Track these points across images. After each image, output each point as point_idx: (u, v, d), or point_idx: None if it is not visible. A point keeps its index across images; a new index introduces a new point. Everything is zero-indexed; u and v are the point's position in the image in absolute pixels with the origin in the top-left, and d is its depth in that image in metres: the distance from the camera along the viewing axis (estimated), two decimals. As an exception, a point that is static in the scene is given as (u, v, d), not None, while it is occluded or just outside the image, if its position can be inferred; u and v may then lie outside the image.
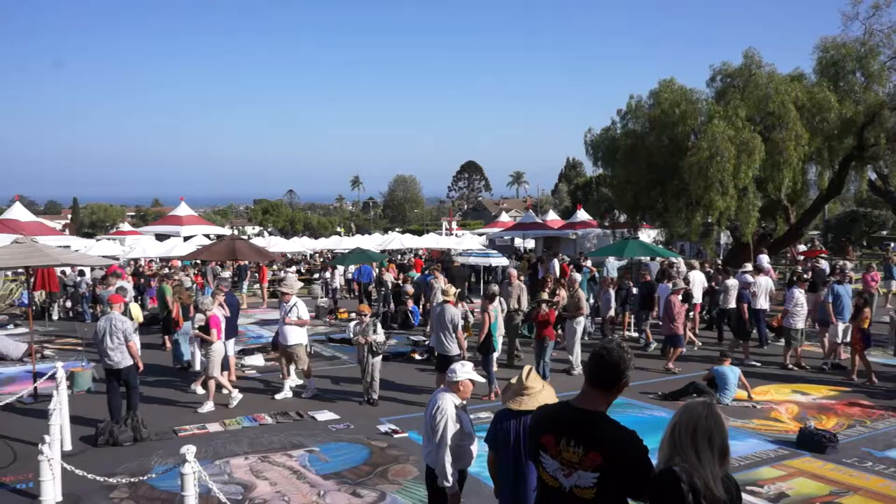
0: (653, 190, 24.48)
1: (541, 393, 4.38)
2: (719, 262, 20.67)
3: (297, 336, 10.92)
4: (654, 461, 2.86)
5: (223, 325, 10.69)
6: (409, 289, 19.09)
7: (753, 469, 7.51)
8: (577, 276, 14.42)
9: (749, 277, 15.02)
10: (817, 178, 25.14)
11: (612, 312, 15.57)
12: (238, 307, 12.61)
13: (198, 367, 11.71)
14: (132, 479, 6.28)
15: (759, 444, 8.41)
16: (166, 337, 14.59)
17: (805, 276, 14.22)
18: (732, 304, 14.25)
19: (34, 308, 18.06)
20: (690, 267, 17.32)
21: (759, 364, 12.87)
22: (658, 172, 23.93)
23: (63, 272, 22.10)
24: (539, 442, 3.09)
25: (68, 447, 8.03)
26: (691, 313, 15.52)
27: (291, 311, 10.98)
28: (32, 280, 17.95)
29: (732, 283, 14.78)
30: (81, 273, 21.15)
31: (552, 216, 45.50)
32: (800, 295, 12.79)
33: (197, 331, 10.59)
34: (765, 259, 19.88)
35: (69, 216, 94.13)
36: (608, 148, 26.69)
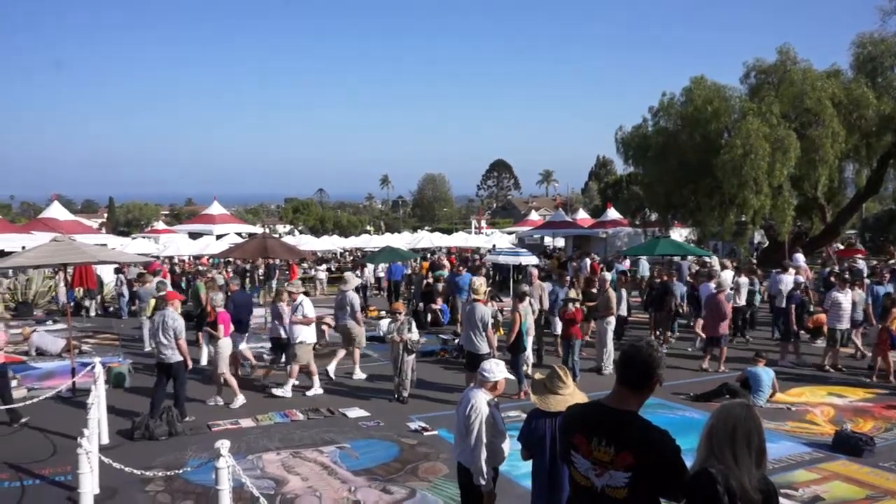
0: (685, 188, 24.23)
1: (573, 394, 4.37)
2: (753, 261, 20.35)
3: (303, 334, 11.01)
4: (686, 462, 2.84)
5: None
6: (440, 287, 19.03)
7: (788, 472, 7.40)
8: (608, 276, 14.33)
9: (801, 278, 14.82)
10: (854, 175, 24.69)
11: (623, 311, 15.37)
12: (249, 305, 12.71)
13: (204, 361, 12.34)
14: (167, 473, 6.38)
15: (793, 446, 8.27)
16: (199, 333, 14.82)
17: (845, 275, 13.91)
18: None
19: (72, 305, 18.46)
20: (723, 267, 17.09)
21: (793, 365, 12.66)
22: (690, 170, 23.69)
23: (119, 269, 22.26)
24: (570, 441, 3.08)
25: (105, 441, 8.20)
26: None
27: (297, 309, 11.12)
28: (70, 277, 18.37)
29: (744, 281, 14.65)
30: (118, 270, 21.53)
31: (582, 215, 45.25)
32: (838, 295, 12.54)
33: (207, 327, 10.84)
34: (801, 258, 19.54)
35: (105, 215, 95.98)
36: (639, 146, 26.49)
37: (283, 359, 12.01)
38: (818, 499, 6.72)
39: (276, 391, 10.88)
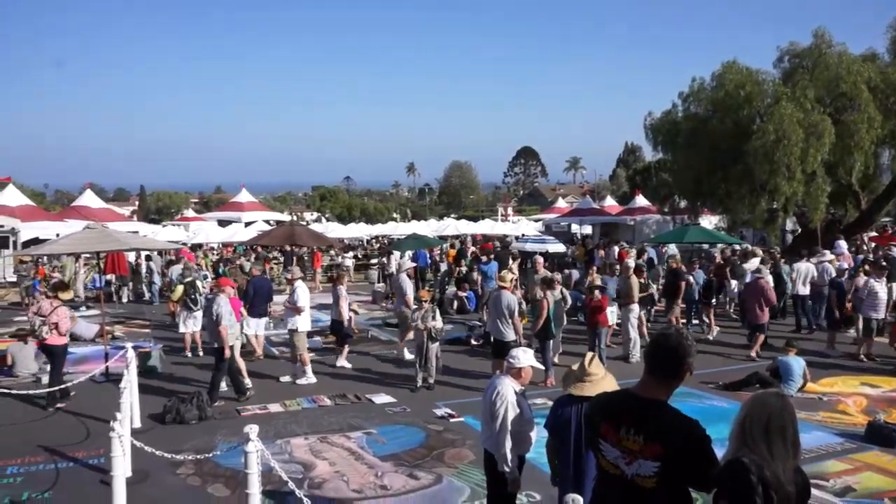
0: (715, 175, 23.86)
1: (603, 380, 4.34)
2: (777, 249, 19.97)
3: (297, 322, 11.04)
4: (716, 452, 2.80)
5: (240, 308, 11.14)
6: (476, 276, 18.81)
7: (819, 462, 7.29)
8: (631, 263, 14.15)
9: (844, 264, 14.63)
10: (890, 162, 24.09)
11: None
12: (267, 290, 12.93)
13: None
14: (198, 456, 6.50)
15: (825, 436, 8.15)
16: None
17: (882, 263, 13.64)
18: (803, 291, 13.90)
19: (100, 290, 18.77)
20: (752, 255, 16.84)
21: (833, 355, 12.45)
22: (721, 157, 23.31)
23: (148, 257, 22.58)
24: (598, 430, 3.05)
25: (137, 424, 8.34)
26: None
27: (293, 294, 11.21)
28: (103, 264, 18.68)
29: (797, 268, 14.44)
30: (149, 258, 21.84)
31: (610, 202, 44.84)
32: (874, 283, 12.28)
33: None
34: (843, 245, 19.19)
35: (137, 203, 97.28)
36: (669, 132, 26.13)
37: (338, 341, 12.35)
38: (850, 490, 6.62)
39: (300, 381, 10.91)
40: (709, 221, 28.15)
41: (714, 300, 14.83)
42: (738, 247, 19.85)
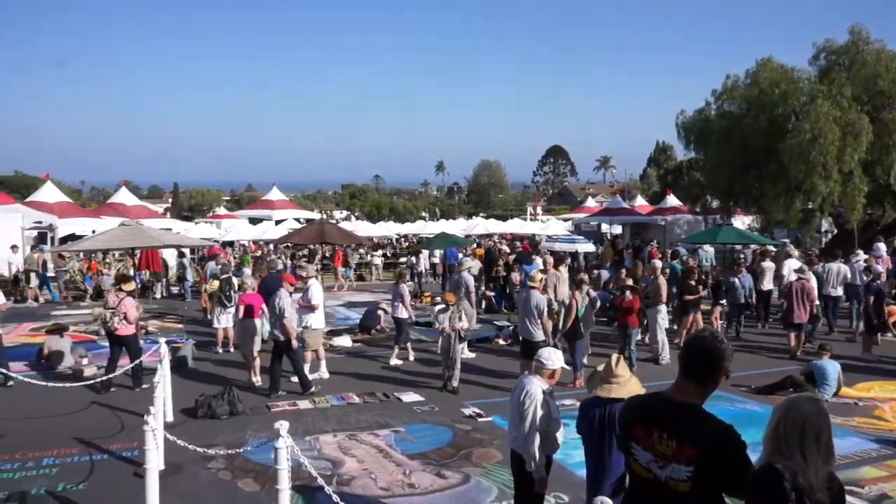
0: (748, 174, 23.54)
1: (629, 382, 4.31)
2: (814, 250, 19.61)
3: (311, 319, 11.10)
4: (750, 457, 2.75)
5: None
6: (516, 277, 18.53)
7: (854, 469, 7.14)
8: (658, 264, 13.97)
9: (879, 267, 14.35)
10: (931, 160, 23.50)
11: None
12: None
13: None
14: (229, 451, 6.57)
15: (860, 442, 7.99)
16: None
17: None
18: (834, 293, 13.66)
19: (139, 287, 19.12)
20: (788, 255, 16.57)
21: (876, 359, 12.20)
22: (755, 155, 22.99)
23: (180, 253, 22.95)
24: (630, 433, 3.02)
25: (170, 418, 8.46)
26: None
27: (306, 293, 11.29)
28: (137, 260, 19.03)
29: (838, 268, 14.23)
30: (182, 254, 22.18)
31: (640, 201, 44.40)
32: None
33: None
34: (882, 247, 18.79)
35: (170, 200, 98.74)
36: (701, 130, 25.84)
37: (402, 338, 12.52)
38: (885, 497, 6.47)
39: (312, 375, 10.83)
40: (742, 222, 27.76)
41: (723, 301, 14.46)
42: (772, 248, 19.54)
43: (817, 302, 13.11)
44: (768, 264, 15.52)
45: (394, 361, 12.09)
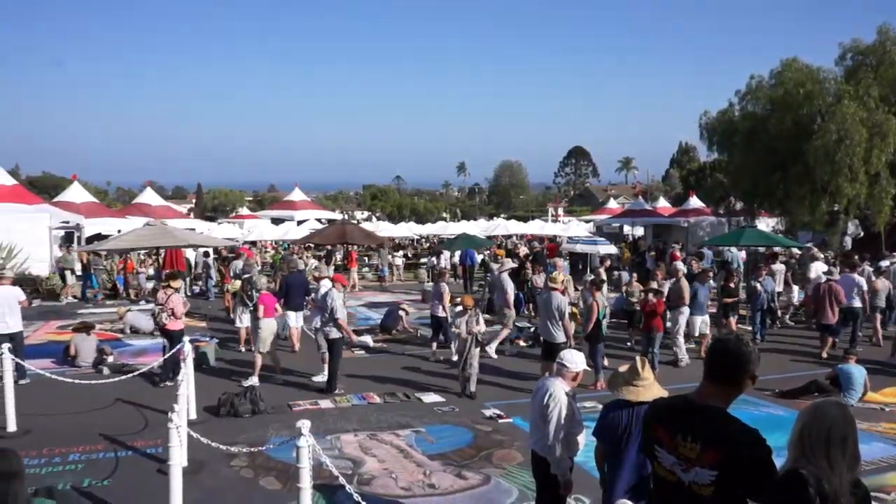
0: (773, 175, 23.30)
1: (654, 385, 4.28)
2: (831, 254, 19.33)
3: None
4: (775, 462, 2.72)
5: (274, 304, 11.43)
6: (539, 281, 18.38)
7: (880, 475, 7.04)
8: (681, 266, 13.86)
9: None
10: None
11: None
12: (303, 285, 13.36)
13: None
14: (251, 449, 6.63)
15: (886, 448, 7.87)
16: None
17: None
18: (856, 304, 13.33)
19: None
20: (813, 258, 16.37)
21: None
22: (779, 157, 22.75)
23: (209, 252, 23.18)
24: (654, 436, 3.00)
25: (193, 416, 8.55)
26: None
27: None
28: (162, 259, 19.25)
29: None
30: (206, 254, 22.40)
31: (663, 203, 44.12)
32: None
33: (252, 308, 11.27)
34: None
35: (194, 200, 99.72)
36: (725, 131, 25.64)
37: (442, 337, 12.70)
38: (914, 504, 6.37)
39: (315, 378, 10.93)
40: (766, 224, 27.46)
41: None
42: (795, 250, 19.31)
43: (845, 303, 12.78)
44: (778, 266, 15.48)
45: (434, 357, 12.29)
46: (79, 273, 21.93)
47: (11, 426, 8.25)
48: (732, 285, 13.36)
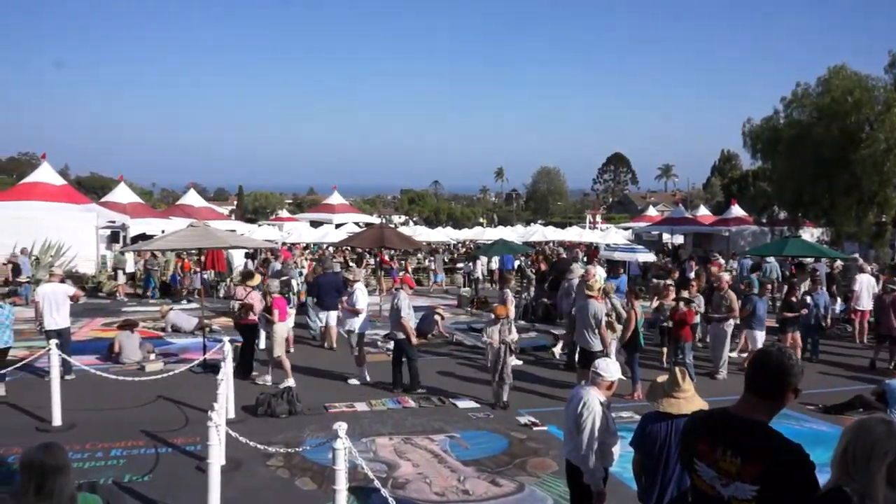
0: (818, 185, 22.82)
1: (694, 397, 4.23)
2: (875, 266, 18.78)
3: (355, 323, 11.23)
4: (819, 479, 2.66)
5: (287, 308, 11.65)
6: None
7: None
8: (726, 276, 13.55)
9: None
10: None
11: None
12: (334, 285, 13.54)
13: (262, 345, 12.18)
14: (287, 450, 6.70)
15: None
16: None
17: None
18: None
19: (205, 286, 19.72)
20: (860, 270, 15.95)
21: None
22: (825, 166, 22.27)
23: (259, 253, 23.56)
24: (694, 449, 2.95)
25: (232, 415, 8.69)
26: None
27: (351, 296, 11.37)
28: (204, 260, 19.61)
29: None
30: (248, 255, 22.76)
31: (703, 211, 43.48)
32: None
33: (264, 312, 11.24)
34: None
35: (235, 202, 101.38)
36: (769, 139, 25.21)
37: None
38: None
39: (351, 381, 11.05)
40: (810, 234, 26.87)
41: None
42: (839, 262, 18.85)
43: None
44: (861, 279, 15.08)
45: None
46: (130, 271, 22.57)
47: (57, 420, 8.48)
48: (794, 299, 12.94)
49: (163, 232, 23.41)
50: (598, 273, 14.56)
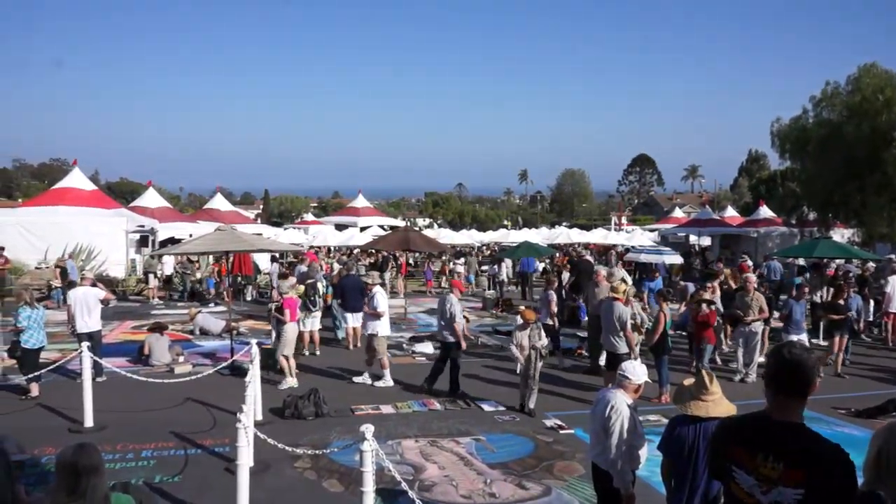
0: (849, 185, 22.46)
1: (723, 400, 4.19)
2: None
3: (377, 326, 11.19)
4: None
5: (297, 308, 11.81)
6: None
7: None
8: (753, 277, 13.33)
9: None
10: None
11: None
12: (358, 287, 13.71)
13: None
14: (315, 452, 6.75)
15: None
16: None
17: None
18: None
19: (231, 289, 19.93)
20: (893, 272, 15.66)
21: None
22: (856, 165, 21.92)
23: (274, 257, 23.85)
24: (730, 455, 2.87)
25: (259, 417, 8.75)
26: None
27: (371, 300, 11.37)
28: (230, 264, 19.83)
29: None
30: (274, 258, 22.97)
31: (731, 213, 42.95)
32: None
33: (276, 312, 11.33)
34: None
35: (261, 206, 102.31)
36: (798, 139, 24.86)
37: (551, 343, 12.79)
38: None
39: (378, 383, 11.06)
40: (841, 235, 26.43)
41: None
42: (871, 263, 18.50)
43: None
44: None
45: (561, 364, 12.63)
46: (167, 274, 22.94)
47: (89, 422, 8.62)
48: (842, 301, 12.53)
49: (190, 236, 23.69)
50: (621, 275, 14.46)
